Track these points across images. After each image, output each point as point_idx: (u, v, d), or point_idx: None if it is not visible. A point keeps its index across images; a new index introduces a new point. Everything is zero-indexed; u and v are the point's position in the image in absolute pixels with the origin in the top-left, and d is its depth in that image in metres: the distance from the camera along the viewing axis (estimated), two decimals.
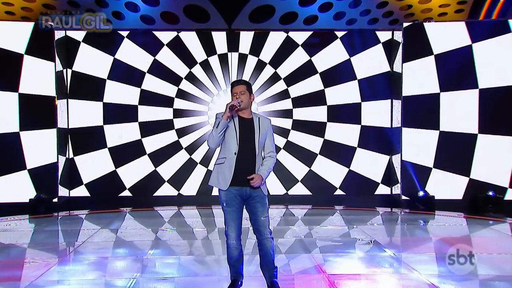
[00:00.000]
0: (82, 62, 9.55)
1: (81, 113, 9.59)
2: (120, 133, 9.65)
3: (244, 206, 4.10)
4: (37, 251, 6.19)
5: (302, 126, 9.90)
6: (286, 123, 9.90)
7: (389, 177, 9.77)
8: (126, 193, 9.66)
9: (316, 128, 9.88)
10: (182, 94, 9.79)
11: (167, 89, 9.76)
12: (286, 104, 9.91)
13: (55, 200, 9.03)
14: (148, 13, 9.24)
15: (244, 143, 4.03)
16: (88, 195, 9.56)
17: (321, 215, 8.76)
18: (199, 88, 9.82)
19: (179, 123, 9.83)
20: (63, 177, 9.33)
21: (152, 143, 9.78)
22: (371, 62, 9.68)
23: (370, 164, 9.80)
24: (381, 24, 9.53)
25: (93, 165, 9.58)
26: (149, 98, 9.70)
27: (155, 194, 9.71)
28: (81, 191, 9.58)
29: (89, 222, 8.53)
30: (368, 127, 9.78)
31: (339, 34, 9.69)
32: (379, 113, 9.77)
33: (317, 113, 9.87)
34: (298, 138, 9.92)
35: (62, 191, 9.31)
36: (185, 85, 9.80)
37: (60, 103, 9.22)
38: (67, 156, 9.49)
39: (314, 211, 9.33)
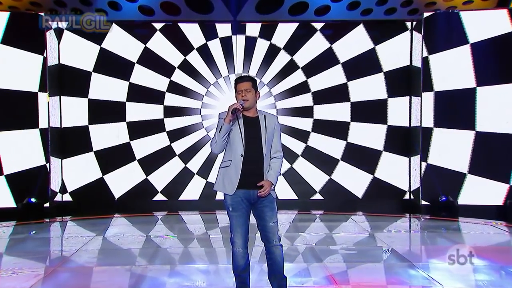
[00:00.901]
0: (66, 53, 9.43)
1: (64, 111, 9.46)
2: (117, 133, 9.55)
3: (251, 211, 4.07)
4: (26, 261, 6.15)
5: (323, 127, 9.62)
6: (306, 124, 9.62)
7: (410, 182, 9.65)
8: (122, 196, 9.60)
9: (338, 129, 9.61)
10: (174, 88, 9.57)
11: (158, 82, 9.58)
12: (306, 99, 9.64)
13: (47, 205, 8.97)
14: (147, 3, 9.21)
15: (251, 144, 3.98)
16: (80, 199, 9.53)
17: (335, 221, 8.69)
18: (196, 80, 9.59)
19: (171, 123, 9.64)
20: (56, 181, 9.30)
21: (143, 147, 9.60)
22: (397, 52, 9.56)
23: (395, 169, 9.62)
24: (399, 14, 9.44)
25: (79, 170, 9.48)
26: (138, 94, 9.52)
27: (154, 199, 9.67)
28: (72, 196, 9.53)
29: (83, 228, 8.51)
30: (394, 127, 9.63)
31: None
32: (405, 111, 9.64)
33: (340, 111, 9.61)
34: (319, 141, 9.64)
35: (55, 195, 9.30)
36: (179, 76, 9.58)
37: (52, 100, 9.15)
38: (61, 158, 9.48)
39: (327, 216, 9.27)
